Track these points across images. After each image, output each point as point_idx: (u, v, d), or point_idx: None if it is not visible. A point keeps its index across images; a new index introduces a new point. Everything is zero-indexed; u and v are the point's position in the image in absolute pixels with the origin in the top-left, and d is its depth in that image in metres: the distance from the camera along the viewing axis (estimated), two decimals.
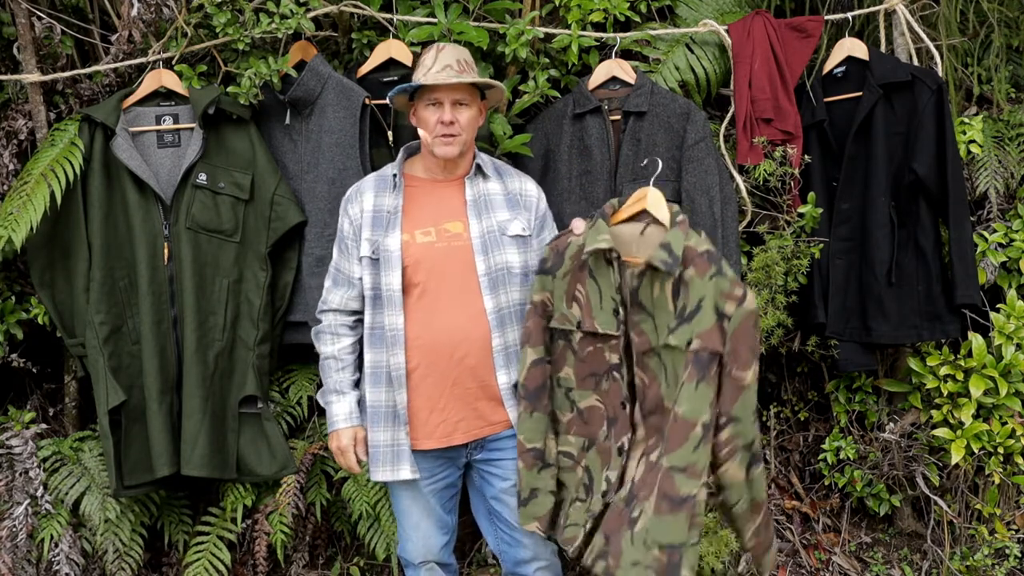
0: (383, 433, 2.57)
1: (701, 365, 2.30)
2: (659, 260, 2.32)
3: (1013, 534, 3.43)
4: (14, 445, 3.06)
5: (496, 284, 2.53)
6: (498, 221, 2.58)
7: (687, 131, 3.03)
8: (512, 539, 2.70)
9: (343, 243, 2.61)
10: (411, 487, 2.62)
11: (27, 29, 3.02)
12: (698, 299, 2.30)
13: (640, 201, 2.48)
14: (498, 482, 2.64)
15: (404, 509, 2.67)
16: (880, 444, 3.45)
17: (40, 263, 3.00)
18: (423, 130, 2.55)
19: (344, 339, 2.62)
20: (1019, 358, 3.21)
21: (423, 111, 2.54)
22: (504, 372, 2.55)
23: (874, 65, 3.17)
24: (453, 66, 2.50)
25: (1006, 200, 3.48)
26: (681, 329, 2.33)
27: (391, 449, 2.57)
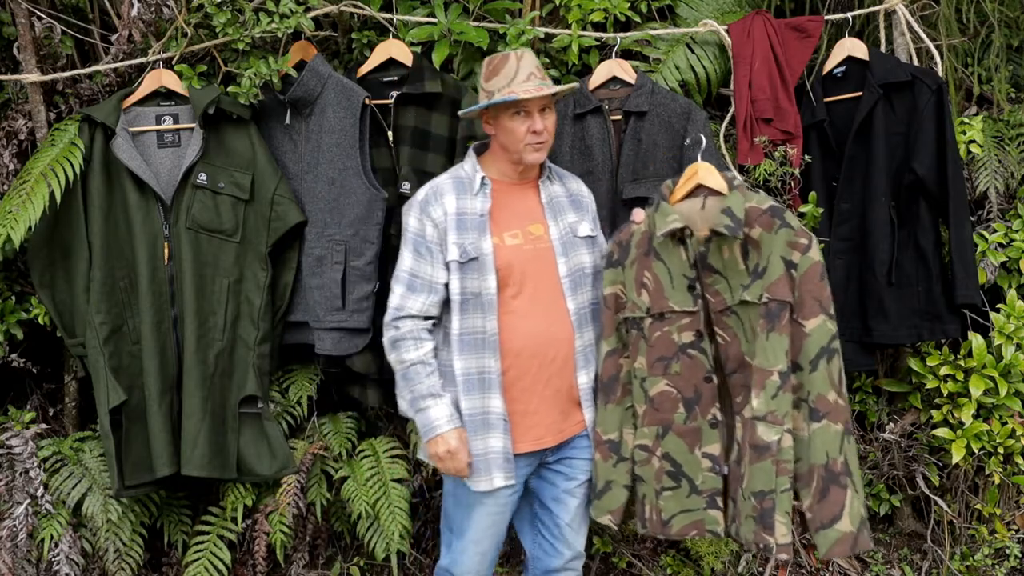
0: (479, 441, 2.50)
1: (771, 315, 2.40)
2: (723, 226, 2.42)
3: (1013, 534, 3.44)
4: (14, 445, 3.05)
5: (576, 285, 2.58)
6: (569, 223, 2.62)
7: (687, 131, 3.04)
8: (552, 547, 2.68)
9: (422, 247, 2.52)
10: (492, 497, 2.54)
11: (27, 29, 3.02)
12: (768, 254, 2.41)
13: (693, 177, 2.57)
14: (563, 481, 2.63)
15: (472, 522, 2.57)
16: (880, 444, 3.45)
17: (40, 263, 3.00)
18: (507, 139, 2.52)
19: (427, 343, 2.52)
20: (1019, 358, 3.21)
21: (508, 121, 2.50)
22: (584, 372, 2.59)
23: (874, 65, 3.17)
24: (536, 74, 2.50)
25: (1006, 200, 3.48)
26: (755, 284, 2.43)
27: (485, 457, 2.50)
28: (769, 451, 2.40)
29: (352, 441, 3.25)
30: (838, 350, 2.42)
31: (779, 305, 2.39)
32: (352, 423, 3.31)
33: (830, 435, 2.38)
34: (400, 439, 3.32)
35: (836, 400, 2.39)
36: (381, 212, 3.02)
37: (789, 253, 2.39)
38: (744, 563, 3.43)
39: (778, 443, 2.39)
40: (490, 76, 2.51)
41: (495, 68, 2.51)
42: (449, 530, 2.65)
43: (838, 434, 2.39)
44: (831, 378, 2.40)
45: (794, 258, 2.39)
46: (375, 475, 3.15)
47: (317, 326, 3.07)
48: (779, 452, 2.39)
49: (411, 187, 3.06)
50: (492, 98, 2.49)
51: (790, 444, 2.40)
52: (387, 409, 3.41)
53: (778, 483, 2.39)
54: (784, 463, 2.39)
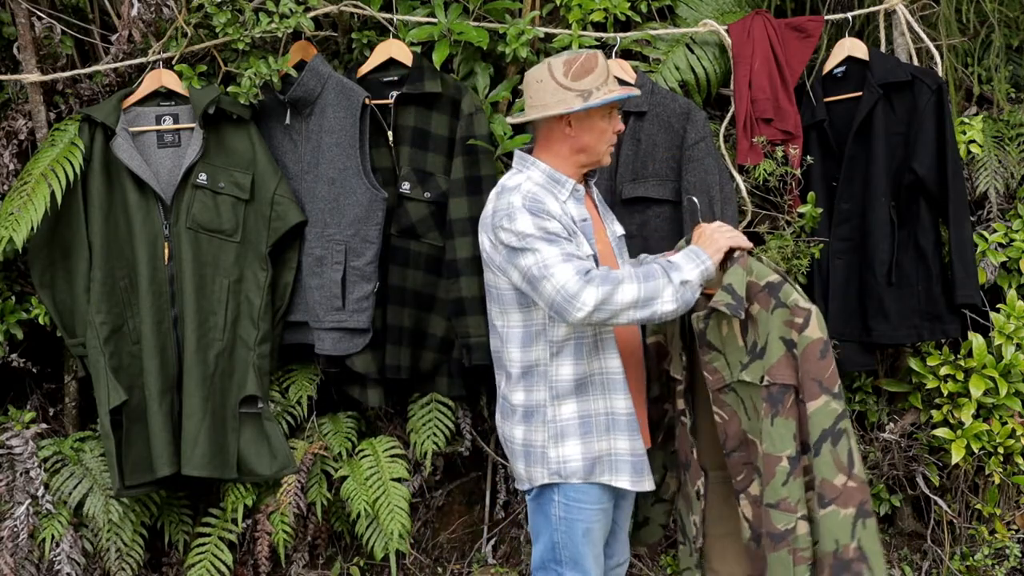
0: (635, 442, 2.42)
1: (773, 400, 2.33)
2: (723, 304, 2.34)
3: (1013, 534, 3.43)
4: (14, 445, 3.05)
5: None
6: (610, 223, 2.61)
7: (687, 131, 3.03)
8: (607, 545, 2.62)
9: (560, 234, 2.32)
10: (606, 515, 2.47)
11: (27, 29, 3.02)
12: (766, 334, 2.33)
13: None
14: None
15: (590, 546, 2.45)
16: (880, 444, 3.45)
17: (40, 263, 3.00)
18: (593, 140, 2.42)
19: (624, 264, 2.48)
20: (1019, 358, 3.21)
21: (600, 121, 2.42)
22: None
23: (874, 65, 3.16)
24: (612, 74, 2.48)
25: (1006, 200, 3.48)
26: (754, 365, 2.36)
27: (642, 458, 2.43)
28: (784, 540, 2.33)
29: (352, 441, 3.25)
30: (846, 430, 2.32)
31: (781, 389, 2.32)
32: (352, 423, 3.31)
33: (839, 521, 2.29)
34: (400, 439, 3.32)
35: (846, 483, 2.29)
36: (381, 212, 3.02)
37: (788, 333, 2.31)
38: None
39: (792, 531, 2.32)
40: (581, 75, 2.38)
41: (585, 67, 2.38)
42: (558, 563, 2.46)
43: (849, 518, 2.29)
44: (837, 461, 2.30)
45: (793, 337, 2.30)
46: (375, 475, 3.15)
47: (317, 326, 3.07)
48: (794, 540, 2.32)
49: (411, 187, 3.06)
50: (591, 97, 2.36)
51: (806, 531, 2.32)
52: (387, 409, 3.41)
53: (796, 572, 2.32)
54: (801, 551, 2.31)
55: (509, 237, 2.33)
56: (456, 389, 3.25)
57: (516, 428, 2.47)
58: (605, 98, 2.38)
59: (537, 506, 2.49)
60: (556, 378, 2.40)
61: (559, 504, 2.43)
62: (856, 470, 2.32)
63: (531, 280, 2.30)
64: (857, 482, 2.31)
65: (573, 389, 2.40)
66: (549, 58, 2.45)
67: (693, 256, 2.33)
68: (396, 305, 3.09)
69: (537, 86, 2.42)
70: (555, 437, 2.41)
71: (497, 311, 2.48)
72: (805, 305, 2.31)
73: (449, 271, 3.07)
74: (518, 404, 2.46)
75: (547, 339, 2.40)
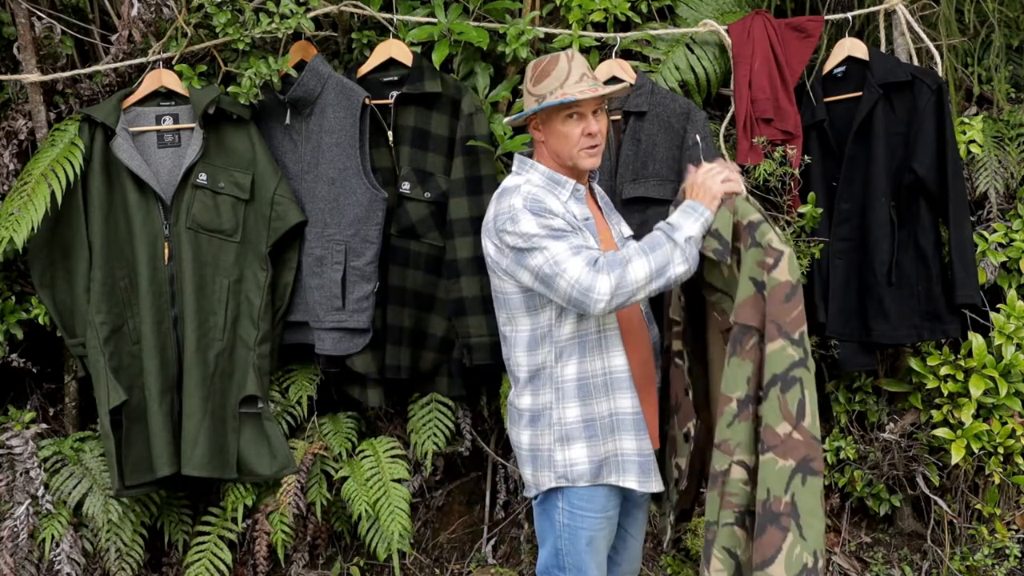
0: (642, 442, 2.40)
1: (734, 340, 2.26)
2: (711, 250, 2.33)
3: (1013, 534, 3.44)
4: (14, 445, 3.05)
5: None
6: (615, 223, 2.61)
7: (687, 131, 3.03)
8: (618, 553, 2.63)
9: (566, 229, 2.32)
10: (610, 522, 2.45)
11: (27, 29, 3.02)
12: (741, 273, 2.28)
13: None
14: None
15: (593, 554, 2.45)
16: (880, 444, 3.45)
17: (40, 263, 3.00)
18: (560, 144, 2.40)
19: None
20: (1019, 358, 3.21)
21: (561, 125, 2.38)
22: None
23: (874, 65, 3.16)
24: (588, 74, 2.40)
25: (1006, 200, 3.48)
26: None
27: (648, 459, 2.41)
28: (717, 482, 2.26)
29: (352, 441, 3.25)
30: (800, 380, 2.20)
31: (742, 329, 2.25)
32: (352, 423, 3.31)
33: (775, 471, 2.18)
34: (400, 439, 3.32)
35: (790, 434, 2.18)
36: (381, 212, 3.02)
37: (759, 273, 2.24)
38: None
39: (726, 473, 2.24)
40: (539, 79, 2.39)
41: (544, 71, 2.39)
42: (561, 569, 2.46)
43: (786, 471, 2.17)
44: (784, 409, 2.19)
45: (763, 278, 2.23)
46: (375, 475, 3.15)
47: (317, 326, 3.07)
48: (725, 483, 2.24)
49: (411, 187, 3.06)
50: (544, 101, 2.36)
51: (739, 477, 2.23)
52: (387, 409, 3.41)
53: (721, 516, 2.24)
54: (729, 495, 2.23)
55: (515, 239, 2.32)
56: (456, 389, 3.25)
57: (523, 433, 2.47)
58: (545, 103, 2.36)
59: (542, 511, 2.48)
60: (561, 379, 2.40)
61: (563, 511, 2.43)
62: (806, 423, 2.20)
63: (544, 279, 2.29)
64: (804, 436, 2.19)
65: (577, 391, 2.39)
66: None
67: (690, 211, 2.32)
68: (396, 305, 3.09)
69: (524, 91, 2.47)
70: (561, 440, 2.40)
71: (505, 317, 2.47)
72: (778, 246, 2.23)
73: (449, 271, 3.07)
74: (525, 408, 2.45)
75: (552, 340, 2.40)
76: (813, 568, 2.18)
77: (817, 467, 2.21)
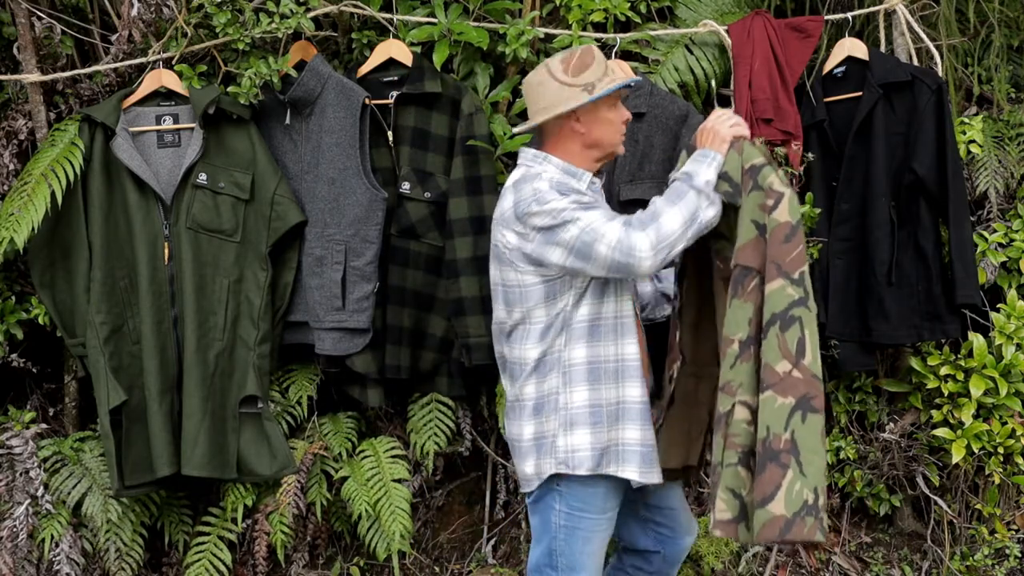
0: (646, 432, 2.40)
1: (735, 282, 2.28)
2: (722, 192, 2.33)
3: (1013, 534, 3.44)
4: (14, 445, 3.05)
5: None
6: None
7: (682, 135, 3.04)
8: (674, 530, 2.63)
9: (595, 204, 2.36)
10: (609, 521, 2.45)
11: (27, 29, 3.02)
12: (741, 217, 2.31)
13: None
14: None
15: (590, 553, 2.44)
16: (880, 444, 3.45)
17: (41, 263, 3.00)
18: (605, 131, 2.41)
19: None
20: (1019, 358, 3.21)
21: (608, 112, 2.40)
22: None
23: (874, 65, 3.16)
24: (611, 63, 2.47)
25: (1006, 200, 3.48)
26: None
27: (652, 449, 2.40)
28: (721, 424, 2.28)
29: (352, 441, 3.25)
30: (799, 319, 2.21)
31: (743, 271, 2.27)
32: (352, 423, 3.31)
33: (774, 409, 2.19)
34: (400, 439, 3.32)
35: (789, 372, 2.20)
36: (381, 212, 3.02)
37: (759, 215, 2.26)
38: (744, 563, 3.43)
39: (730, 414, 2.25)
40: (579, 70, 2.37)
41: (582, 62, 2.37)
42: (554, 569, 2.44)
43: (785, 408, 2.19)
44: (783, 347, 2.20)
45: (764, 220, 2.25)
46: (375, 475, 3.15)
47: (317, 326, 3.07)
48: (729, 424, 2.25)
49: (411, 187, 3.06)
50: (595, 90, 2.35)
51: (742, 417, 2.24)
52: (387, 409, 3.41)
53: (725, 456, 2.25)
54: (733, 436, 2.24)
55: (543, 219, 2.29)
56: (456, 389, 3.25)
57: (526, 425, 2.43)
58: (609, 87, 2.36)
59: (537, 511, 2.47)
60: (569, 363, 2.37)
61: (560, 512, 2.41)
62: (807, 362, 2.21)
63: (580, 250, 2.27)
64: (804, 374, 2.21)
65: (586, 375, 2.37)
66: (546, 60, 2.44)
67: (703, 158, 2.35)
68: (396, 305, 3.10)
69: (539, 89, 2.41)
70: (565, 425, 2.38)
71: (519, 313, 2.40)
72: (779, 188, 2.26)
73: (449, 271, 3.07)
74: (528, 399, 2.42)
75: (565, 326, 2.38)
76: (814, 505, 2.18)
77: (818, 404, 2.22)
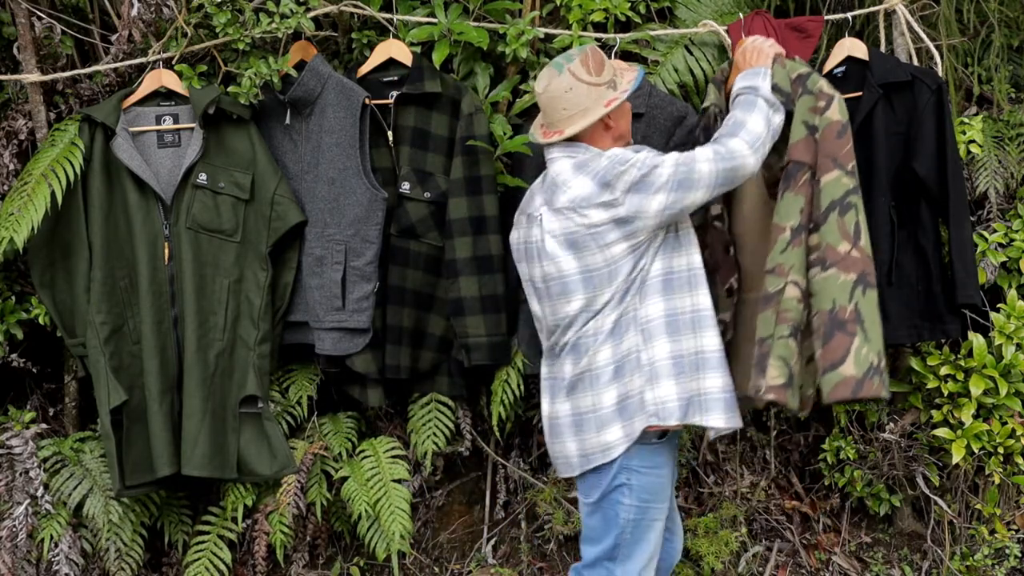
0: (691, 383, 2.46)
1: (788, 175, 2.53)
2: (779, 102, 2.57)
3: (1013, 534, 3.44)
4: (14, 445, 3.05)
5: None
6: None
7: (675, 135, 3.04)
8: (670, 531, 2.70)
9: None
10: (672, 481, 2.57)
11: (27, 29, 3.02)
12: (793, 120, 2.57)
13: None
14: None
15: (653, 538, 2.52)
16: (880, 444, 3.45)
17: (40, 263, 3.00)
18: (626, 123, 2.57)
19: None
20: (1019, 358, 3.21)
21: (626, 104, 2.56)
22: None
23: (874, 65, 3.16)
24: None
25: (1006, 200, 3.48)
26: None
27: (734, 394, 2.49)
28: (771, 301, 2.49)
29: (352, 441, 3.25)
30: (855, 205, 2.51)
31: (796, 165, 2.52)
32: (352, 423, 3.31)
33: (838, 284, 2.46)
34: (400, 439, 3.32)
35: (849, 251, 2.48)
36: (381, 212, 3.02)
37: (811, 117, 2.54)
38: (744, 563, 3.44)
39: (780, 292, 2.47)
40: (599, 69, 2.48)
41: (598, 60, 2.50)
42: (612, 561, 2.51)
43: (848, 283, 2.46)
44: (843, 229, 2.48)
45: (815, 121, 2.53)
46: (375, 475, 3.15)
47: (317, 326, 3.07)
48: (780, 302, 2.47)
49: (411, 187, 3.06)
50: (619, 85, 2.50)
51: (793, 295, 2.47)
52: (387, 409, 3.41)
53: (777, 330, 2.46)
54: (785, 312, 2.46)
55: (632, 173, 2.38)
56: (456, 389, 3.25)
57: (605, 392, 2.45)
58: (635, 80, 2.52)
59: (600, 511, 2.50)
60: (646, 319, 2.44)
61: (630, 507, 2.46)
62: (862, 243, 2.50)
63: (682, 182, 2.38)
64: (861, 254, 2.49)
65: (665, 328, 2.44)
66: (564, 66, 2.48)
67: (754, 75, 2.58)
68: (396, 305, 3.09)
69: (569, 95, 2.46)
70: (650, 380, 2.43)
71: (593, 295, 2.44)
72: (829, 91, 2.56)
73: (448, 271, 3.07)
74: (603, 364, 2.45)
75: (642, 284, 2.44)
76: (878, 367, 2.46)
77: (872, 281, 2.52)
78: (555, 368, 2.57)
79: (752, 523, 3.57)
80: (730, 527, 3.40)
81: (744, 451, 3.61)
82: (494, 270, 3.06)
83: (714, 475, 3.57)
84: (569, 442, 2.53)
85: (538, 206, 2.54)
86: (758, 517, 3.58)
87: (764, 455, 3.62)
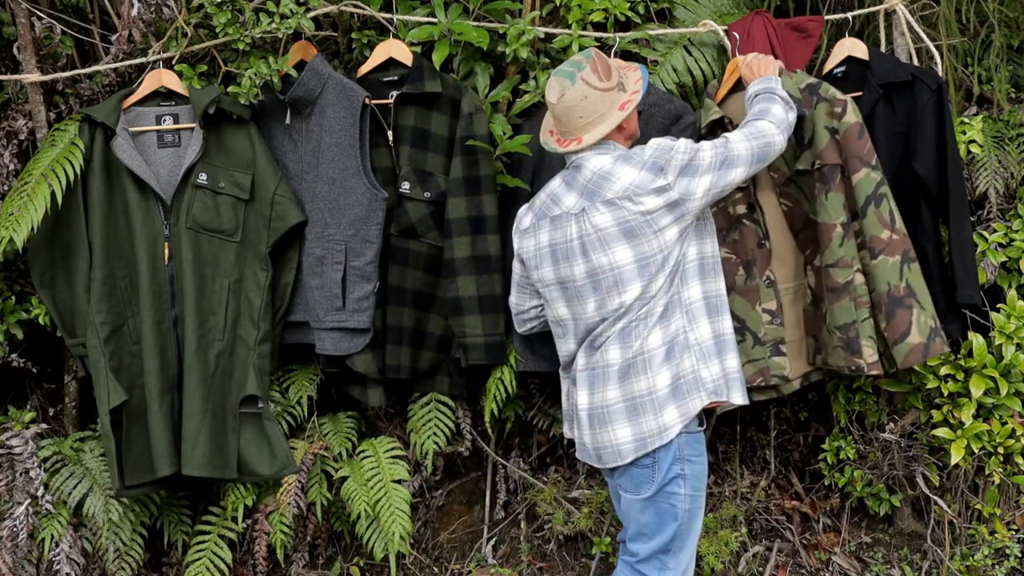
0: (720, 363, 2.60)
1: (824, 178, 2.87)
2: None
3: (1013, 534, 3.43)
4: (14, 445, 3.05)
5: None
6: None
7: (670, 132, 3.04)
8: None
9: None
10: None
11: (27, 29, 3.02)
12: (811, 127, 2.86)
13: (733, 73, 3.01)
14: None
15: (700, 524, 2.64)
16: (880, 444, 3.45)
17: (41, 263, 3.00)
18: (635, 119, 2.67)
19: None
20: (1019, 358, 3.21)
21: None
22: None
23: (874, 65, 3.16)
24: None
25: (1006, 200, 3.48)
26: (805, 155, 2.90)
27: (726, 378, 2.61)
28: (845, 291, 2.84)
29: (352, 441, 3.25)
30: (886, 194, 2.85)
31: (831, 168, 2.85)
32: (352, 423, 3.31)
33: (888, 267, 2.83)
34: (400, 439, 3.32)
35: (890, 236, 2.84)
36: (381, 212, 3.02)
37: (830, 122, 2.85)
38: (744, 563, 3.44)
39: (851, 282, 2.84)
40: (607, 72, 2.57)
41: (604, 64, 2.58)
42: (666, 553, 2.57)
43: (896, 264, 2.84)
44: (881, 219, 2.83)
45: (835, 125, 2.85)
46: (375, 475, 3.15)
47: (317, 326, 3.07)
48: (853, 290, 2.84)
49: (411, 187, 3.06)
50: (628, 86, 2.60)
51: (862, 281, 2.84)
52: (387, 409, 3.41)
53: (858, 315, 2.84)
54: (859, 298, 2.84)
55: (680, 157, 2.51)
56: (456, 389, 3.25)
57: (658, 375, 2.51)
58: (641, 78, 2.62)
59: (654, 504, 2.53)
60: (689, 301, 2.57)
61: (686, 497, 2.53)
62: (897, 225, 2.85)
63: (724, 161, 2.53)
64: (899, 235, 2.85)
65: (705, 310, 2.59)
66: (576, 75, 2.52)
67: (765, 81, 2.76)
68: (396, 305, 3.10)
69: (585, 103, 2.52)
70: (702, 358, 2.56)
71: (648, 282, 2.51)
72: (841, 97, 2.87)
73: (447, 271, 3.08)
74: (654, 348, 2.51)
75: (682, 267, 2.57)
76: (936, 328, 2.87)
77: (913, 255, 2.89)
78: (595, 358, 2.58)
79: (752, 523, 3.57)
80: (730, 527, 3.40)
81: (744, 451, 3.61)
82: (492, 270, 3.07)
83: (714, 475, 3.58)
84: (621, 429, 2.52)
85: (571, 205, 2.57)
86: (758, 517, 3.58)
87: (764, 455, 3.62)
